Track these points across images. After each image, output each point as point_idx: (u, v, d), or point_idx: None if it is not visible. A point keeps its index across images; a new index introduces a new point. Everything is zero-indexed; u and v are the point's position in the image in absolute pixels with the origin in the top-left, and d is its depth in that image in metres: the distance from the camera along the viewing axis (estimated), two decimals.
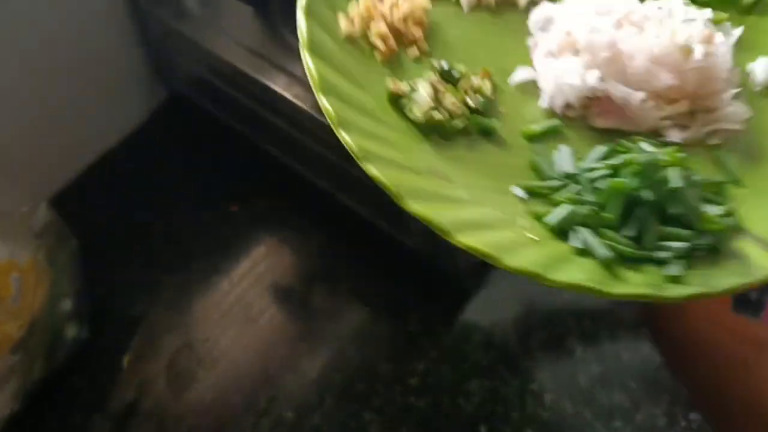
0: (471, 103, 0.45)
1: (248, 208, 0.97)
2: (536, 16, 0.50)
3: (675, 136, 0.45)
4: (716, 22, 0.50)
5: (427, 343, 0.87)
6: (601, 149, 0.42)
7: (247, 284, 0.90)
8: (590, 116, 0.46)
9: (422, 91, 0.45)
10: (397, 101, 0.45)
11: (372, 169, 0.39)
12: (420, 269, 0.89)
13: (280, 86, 0.79)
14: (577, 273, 0.38)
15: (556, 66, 0.46)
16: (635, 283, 0.38)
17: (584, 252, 0.39)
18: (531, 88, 0.47)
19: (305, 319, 0.89)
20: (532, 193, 0.42)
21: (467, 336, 0.87)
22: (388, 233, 0.87)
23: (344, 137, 0.40)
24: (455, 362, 0.85)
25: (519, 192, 0.42)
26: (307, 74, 0.43)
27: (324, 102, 0.41)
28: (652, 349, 0.86)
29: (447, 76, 0.46)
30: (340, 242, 0.94)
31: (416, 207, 0.38)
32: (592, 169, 0.42)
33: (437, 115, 0.44)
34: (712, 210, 0.41)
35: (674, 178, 0.39)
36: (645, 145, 0.42)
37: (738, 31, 0.50)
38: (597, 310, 0.88)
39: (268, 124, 0.87)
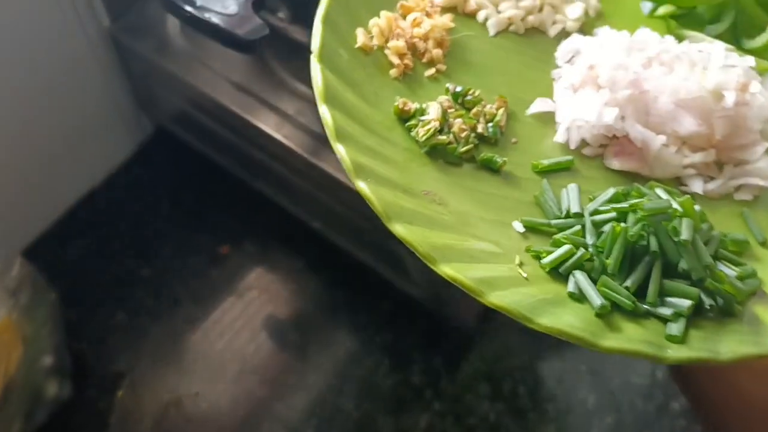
0: (480, 130, 0.43)
1: (239, 250, 0.91)
2: (565, 47, 0.48)
3: (697, 186, 0.42)
4: (761, 71, 0.47)
5: (430, 395, 0.82)
6: (611, 191, 0.40)
7: (238, 332, 0.86)
8: (607, 156, 0.43)
9: (431, 113, 0.43)
10: (404, 120, 0.43)
11: (361, 185, 0.37)
12: (422, 316, 0.85)
13: (269, 126, 0.75)
14: (568, 319, 0.35)
15: (574, 100, 0.43)
16: (630, 339, 0.35)
17: (580, 298, 0.36)
18: (548, 121, 0.45)
19: (300, 370, 0.84)
20: (534, 230, 0.40)
21: (473, 386, 0.83)
22: (389, 280, 0.83)
23: (339, 149, 0.38)
24: (460, 416, 0.81)
25: (519, 227, 0.39)
26: (313, 82, 0.42)
27: (324, 111, 0.40)
28: (670, 397, 0.81)
29: (460, 100, 0.44)
30: (338, 287, 0.89)
31: (402, 230, 0.36)
32: (598, 212, 0.39)
33: (441, 138, 0.42)
34: (729, 270, 0.38)
35: (685, 229, 0.36)
36: (661, 192, 0.40)
37: None
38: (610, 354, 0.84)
39: (258, 162, 0.83)
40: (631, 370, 0.85)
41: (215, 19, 0.63)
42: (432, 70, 0.46)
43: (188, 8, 0.63)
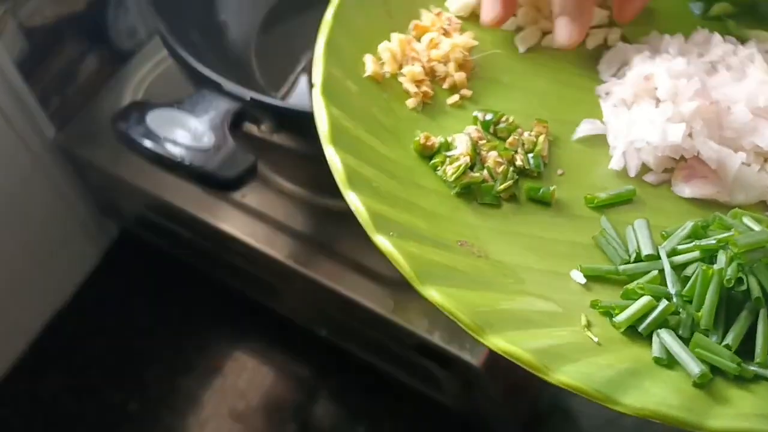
0: (519, 162, 0.36)
1: (235, 363, 0.78)
2: (609, 58, 0.41)
3: None
4: None
5: None
6: (689, 224, 0.32)
7: None
8: (675, 182, 0.36)
9: (459, 146, 0.36)
10: (427, 157, 0.36)
11: (382, 242, 0.30)
12: (457, 422, 0.73)
13: (254, 237, 0.65)
14: (660, 395, 0.27)
15: (630, 118, 0.36)
16: (742, 414, 0.27)
17: (669, 364, 0.29)
18: (599, 145, 0.38)
19: None
20: (598, 279, 0.32)
21: None
22: (413, 387, 0.71)
23: (351, 199, 0.32)
24: None
25: (579, 277, 0.32)
26: (317, 121, 0.35)
27: (332, 154, 0.33)
28: None
29: (492, 129, 0.38)
30: (352, 394, 0.77)
31: (437, 296, 0.29)
32: (677, 251, 0.32)
33: (474, 176, 0.35)
34: None
35: None
36: (749, 222, 0.32)
37: None
38: None
39: (246, 271, 0.73)
40: None
41: (185, 155, 0.50)
42: (455, 97, 0.39)
43: (147, 143, 0.51)
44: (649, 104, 0.37)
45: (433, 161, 0.36)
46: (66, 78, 0.75)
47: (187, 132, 0.51)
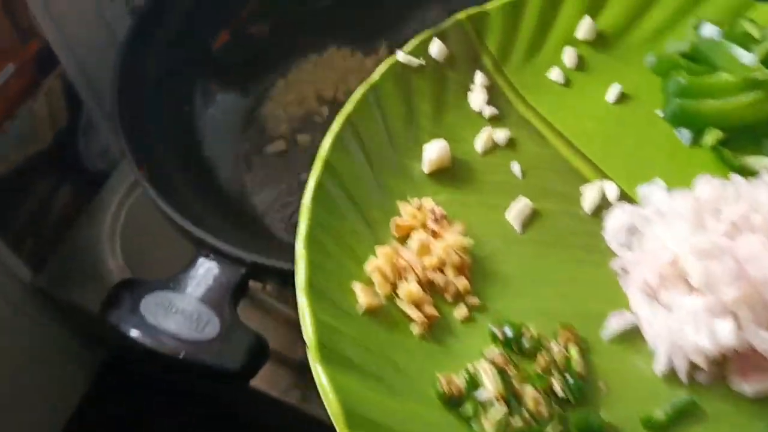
0: (559, 390, 0.31)
1: None
2: (613, 225, 0.37)
3: None
4: None
5: None
6: None
7: None
8: (731, 378, 0.32)
9: (487, 385, 0.31)
10: (453, 404, 0.31)
11: None
12: None
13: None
14: None
15: (668, 316, 0.32)
16: None
17: None
18: (634, 340, 0.34)
19: None
20: None
21: None
22: None
23: None
24: None
25: None
26: (323, 397, 0.30)
27: None
28: None
29: (515, 347, 0.33)
30: None
31: None
32: None
33: (517, 424, 0.30)
34: None
35: None
36: None
37: None
38: None
39: (250, 402, 0.67)
40: None
41: (187, 350, 0.43)
42: (464, 310, 0.34)
43: (144, 339, 0.44)
44: (681, 290, 0.33)
45: (463, 410, 0.31)
46: (38, 217, 0.66)
47: (186, 319, 0.45)
